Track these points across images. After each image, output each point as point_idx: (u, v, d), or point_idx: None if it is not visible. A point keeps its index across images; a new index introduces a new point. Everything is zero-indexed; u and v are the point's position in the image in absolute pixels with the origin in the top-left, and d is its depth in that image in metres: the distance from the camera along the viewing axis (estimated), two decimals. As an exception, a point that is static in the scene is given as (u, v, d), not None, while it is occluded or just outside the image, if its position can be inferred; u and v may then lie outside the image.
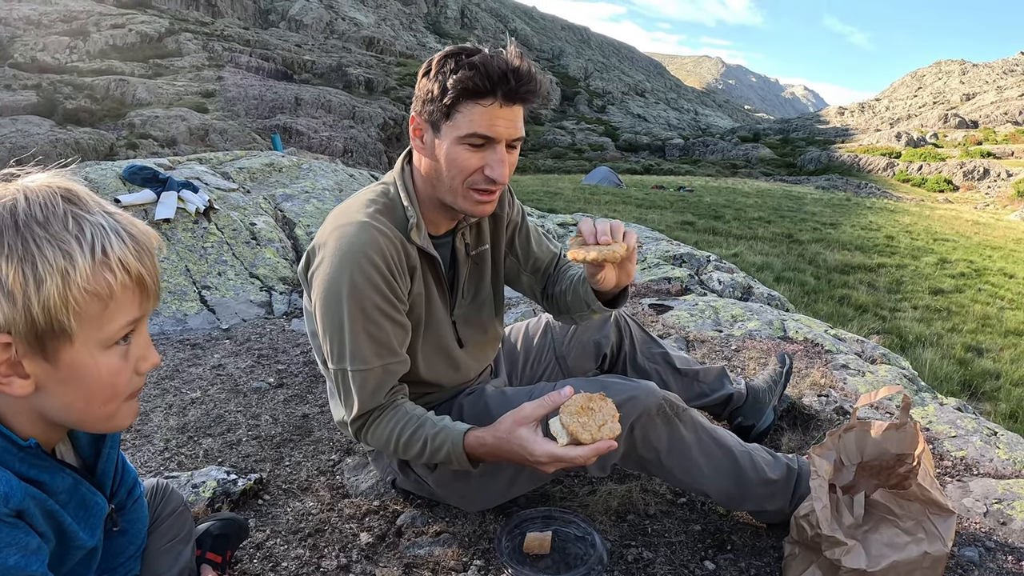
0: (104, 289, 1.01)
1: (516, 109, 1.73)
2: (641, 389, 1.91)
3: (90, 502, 1.23)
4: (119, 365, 1.08)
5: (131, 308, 1.07)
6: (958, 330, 10.05)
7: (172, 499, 1.66)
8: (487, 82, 1.65)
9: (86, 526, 1.21)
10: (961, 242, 20.42)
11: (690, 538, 2.12)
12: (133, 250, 1.04)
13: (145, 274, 1.07)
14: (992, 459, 2.64)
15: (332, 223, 1.82)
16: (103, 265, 1.00)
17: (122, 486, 1.41)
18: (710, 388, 2.61)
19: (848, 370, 3.46)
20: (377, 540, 2.08)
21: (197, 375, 3.46)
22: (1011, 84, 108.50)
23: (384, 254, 1.75)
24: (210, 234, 5.34)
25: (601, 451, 1.57)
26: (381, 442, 1.86)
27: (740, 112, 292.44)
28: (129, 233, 1.05)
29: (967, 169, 65.85)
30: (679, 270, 6.11)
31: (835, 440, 1.98)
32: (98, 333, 1.04)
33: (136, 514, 1.46)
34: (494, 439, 1.69)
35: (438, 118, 1.72)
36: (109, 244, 1.01)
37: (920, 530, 1.85)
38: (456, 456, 1.76)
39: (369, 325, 1.76)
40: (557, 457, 1.59)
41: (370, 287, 1.73)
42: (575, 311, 2.12)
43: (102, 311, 1.02)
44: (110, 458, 1.32)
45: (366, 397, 1.81)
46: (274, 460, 2.59)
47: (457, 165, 1.74)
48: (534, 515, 2.08)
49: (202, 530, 1.83)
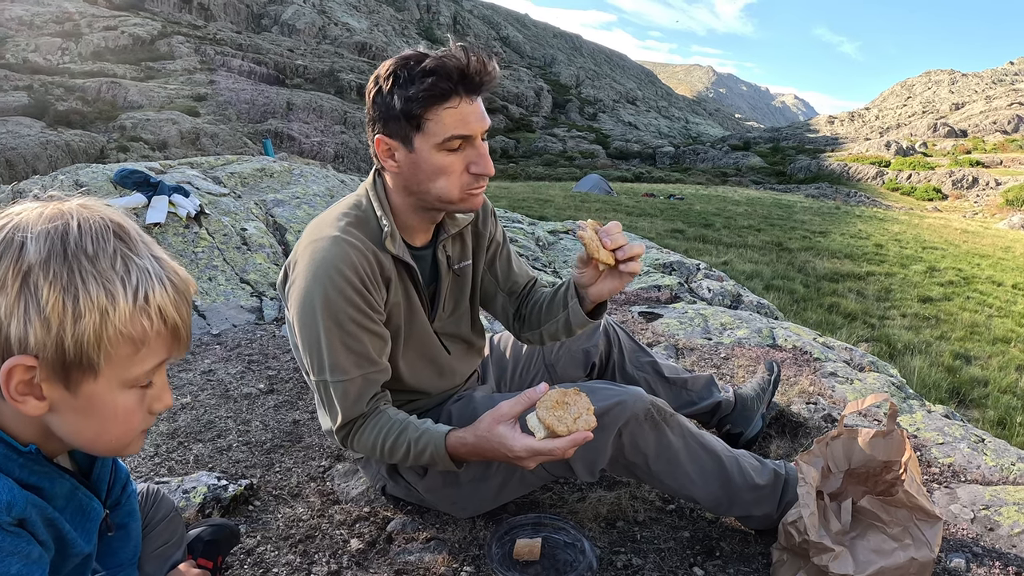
0: (139, 334, 1.01)
1: (478, 101, 1.75)
2: (629, 394, 1.92)
3: (87, 507, 1.22)
4: (135, 406, 1.09)
5: (160, 354, 1.07)
6: (946, 338, 10.10)
7: (163, 504, 1.66)
8: (448, 83, 1.66)
9: (83, 532, 1.20)
10: (950, 250, 20.52)
11: (679, 544, 2.13)
12: (173, 299, 1.05)
13: (180, 324, 1.07)
14: (979, 465, 2.66)
15: (306, 238, 1.84)
16: (143, 311, 1.01)
17: (116, 483, 1.40)
18: (698, 396, 2.62)
19: (836, 378, 3.47)
20: (368, 546, 2.08)
21: (188, 380, 3.46)
22: (1000, 94, 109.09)
23: (356, 267, 1.76)
24: (201, 239, 5.33)
25: (578, 442, 1.60)
26: (367, 448, 1.87)
27: (731, 120, 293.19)
28: (171, 281, 1.05)
29: (956, 178, 66.08)
30: (669, 278, 6.14)
31: (823, 447, 1.99)
32: (124, 374, 1.04)
33: (131, 507, 1.45)
34: (474, 438, 1.71)
35: (408, 132, 1.72)
36: (152, 291, 1.02)
37: (907, 536, 1.86)
38: (439, 457, 1.77)
39: (345, 337, 1.78)
40: (535, 450, 1.62)
41: (344, 300, 1.75)
42: (546, 321, 2.12)
43: (132, 354, 1.02)
44: (105, 462, 1.31)
45: (348, 406, 1.82)
46: (264, 466, 2.59)
47: (445, 172, 1.75)
48: (524, 522, 2.08)
49: (193, 535, 1.82)
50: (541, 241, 7.81)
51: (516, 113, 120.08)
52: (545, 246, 7.71)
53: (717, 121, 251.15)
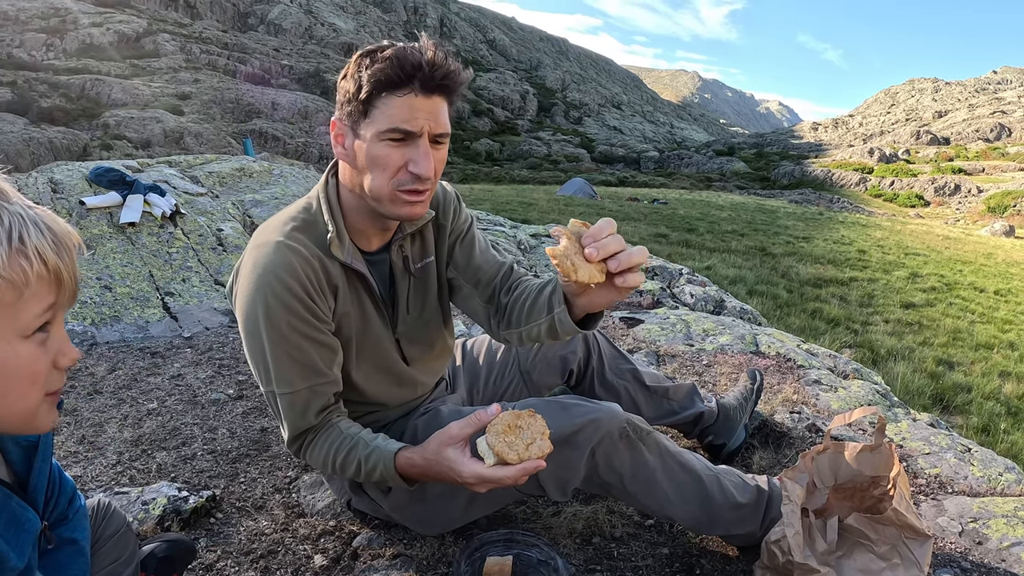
0: (20, 277, 0.99)
1: (436, 101, 1.62)
2: (603, 411, 1.83)
3: (21, 518, 1.17)
4: (37, 352, 1.06)
5: (45, 299, 1.05)
6: (929, 344, 10.18)
7: (114, 519, 1.60)
8: (400, 72, 1.55)
9: (15, 545, 1.15)
10: (932, 256, 20.70)
11: (658, 562, 2.06)
12: (51, 243, 1.03)
13: (63, 268, 1.05)
14: (967, 476, 2.63)
15: (251, 243, 1.75)
16: (19, 253, 0.99)
17: (61, 496, 1.36)
18: (680, 406, 2.56)
19: (821, 386, 3.44)
20: (332, 563, 2.01)
21: (155, 385, 3.38)
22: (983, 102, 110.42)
23: (298, 275, 1.67)
24: (176, 239, 5.26)
25: (528, 471, 1.51)
26: (319, 464, 1.80)
27: (715, 126, 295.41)
28: (48, 227, 1.04)
29: (938, 185, 66.84)
30: (651, 283, 6.11)
31: (808, 462, 1.93)
32: (11, 322, 1.01)
33: (79, 523, 1.40)
34: (422, 460, 1.64)
35: (356, 118, 1.62)
36: (27, 233, 1.00)
37: (895, 555, 1.83)
38: (390, 476, 1.70)
39: (289, 348, 1.69)
40: (484, 478, 1.54)
41: (285, 310, 1.66)
42: (527, 322, 1.89)
43: (17, 299, 1.00)
44: (42, 471, 1.26)
45: (295, 419, 1.75)
46: (229, 476, 2.51)
47: (379, 164, 1.63)
48: (495, 538, 2.00)
49: (146, 552, 1.77)
50: (523, 245, 7.78)
51: (501, 116, 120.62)
52: (527, 250, 7.67)
53: (702, 126, 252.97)
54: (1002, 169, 71.36)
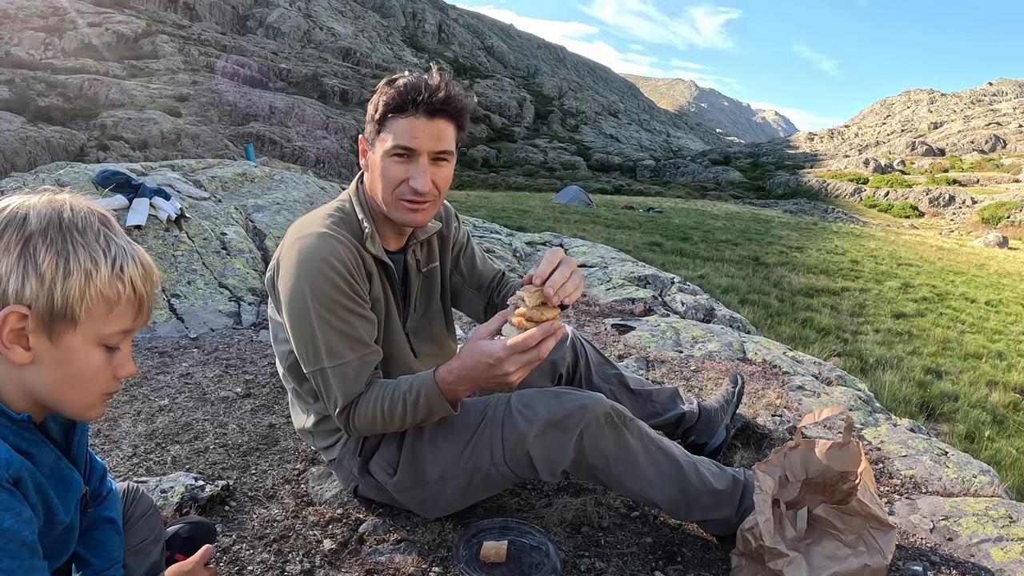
0: (114, 296, 1.20)
1: (439, 123, 1.90)
2: (590, 398, 2.00)
3: (69, 478, 1.34)
4: (103, 363, 1.24)
5: (127, 319, 1.24)
6: (919, 353, 10.21)
7: (143, 502, 1.73)
8: (404, 98, 1.85)
9: (64, 501, 1.31)
10: (925, 267, 20.71)
11: (641, 550, 2.19)
12: (141, 275, 1.25)
13: (146, 296, 1.26)
14: (941, 478, 2.73)
15: (293, 235, 1.97)
16: (118, 278, 1.20)
17: (93, 474, 1.51)
18: (663, 408, 2.70)
19: (804, 391, 3.55)
20: (340, 547, 2.13)
21: (165, 383, 3.50)
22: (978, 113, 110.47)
23: (343, 258, 1.91)
24: (181, 242, 5.35)
25: (548, 332, 1.69)
26: (367, 422, 1.96)
27: (711, 135, 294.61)
28: (142, 262, 1.26)
29: (933, 196, 66.84)
30: (643, 291, 6.22)
31: (780, 457, 2.07)
32: (98, 330, 1.21)
33: (114, 504, 1.56)
34: (459, 363, 1.82)
35: (373, 135, 1.94)
36: (127, 264, 1.22)
37: (861, 543, 1.94)
38: (432, 396, 1.88)
39: (337, 322, 1.89)
40: (513, 346, 1.69)
41: (332, 287, 1.88)
42: None
43: (107, 313, 1.21)
44: (81, 443, 1.42)
45: (347, 388, 1.93)
46: (240, 468, 2.63)
47: (385, 176, 1.93)
48: (491, 525, 2.15)
49: (171, 532, 1.90)
50: (518, 252, 7.88)
51: (498, 123, 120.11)
52: (522, 257, 7.77)
53: (698, 135, 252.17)
54: (996, 180, 71.42)
